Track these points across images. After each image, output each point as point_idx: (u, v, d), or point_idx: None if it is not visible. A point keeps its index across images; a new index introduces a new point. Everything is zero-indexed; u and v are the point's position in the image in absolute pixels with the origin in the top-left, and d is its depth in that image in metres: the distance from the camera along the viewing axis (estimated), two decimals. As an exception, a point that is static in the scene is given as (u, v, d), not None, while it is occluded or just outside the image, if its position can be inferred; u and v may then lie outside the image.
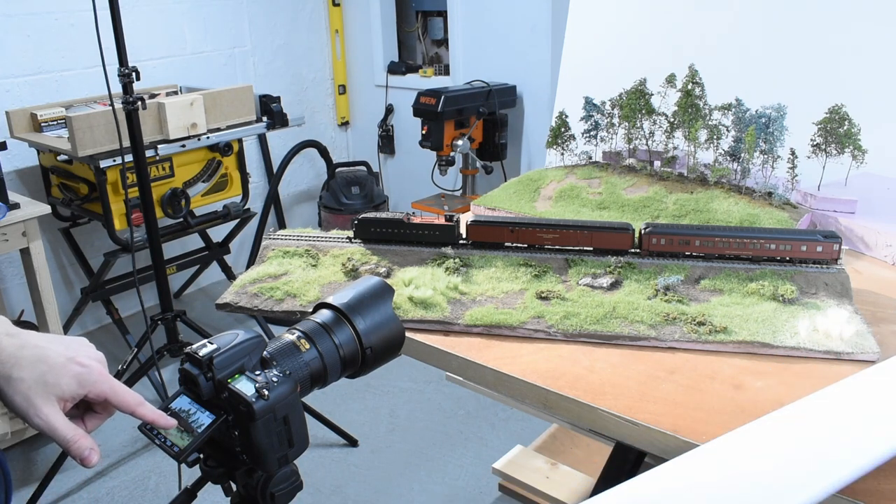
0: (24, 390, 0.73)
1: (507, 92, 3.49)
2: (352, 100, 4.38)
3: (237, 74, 3.80)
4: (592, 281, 1.28)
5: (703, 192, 1.50)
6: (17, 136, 2.77)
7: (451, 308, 1.22)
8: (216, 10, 3.64)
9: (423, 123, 3.33)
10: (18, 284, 3.10)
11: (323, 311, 0.83)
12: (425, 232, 1.38)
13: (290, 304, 1.26)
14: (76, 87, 3.16)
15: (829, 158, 1.50)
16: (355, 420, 2.75)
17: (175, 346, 2.61)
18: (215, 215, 3.10)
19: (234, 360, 0.73)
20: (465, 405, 2.84)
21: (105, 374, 0.78)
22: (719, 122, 1.52)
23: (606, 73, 1.83)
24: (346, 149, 4.50)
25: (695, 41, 1.84)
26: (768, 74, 1.75)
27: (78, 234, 3.13)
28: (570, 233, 1.33)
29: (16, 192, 2.56)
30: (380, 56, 4.09)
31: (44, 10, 3.04)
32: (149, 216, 2.40)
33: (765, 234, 1.27)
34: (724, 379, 1.05)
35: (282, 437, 0.73)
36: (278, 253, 1.40)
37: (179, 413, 0.74)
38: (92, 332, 3.44)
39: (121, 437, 2.68)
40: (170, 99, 2.76)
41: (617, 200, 1.56)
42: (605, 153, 1.70)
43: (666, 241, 1.29)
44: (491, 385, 1.11)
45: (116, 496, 2.41)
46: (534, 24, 3.41)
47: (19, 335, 0.77)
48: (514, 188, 1.70)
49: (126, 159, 2.35)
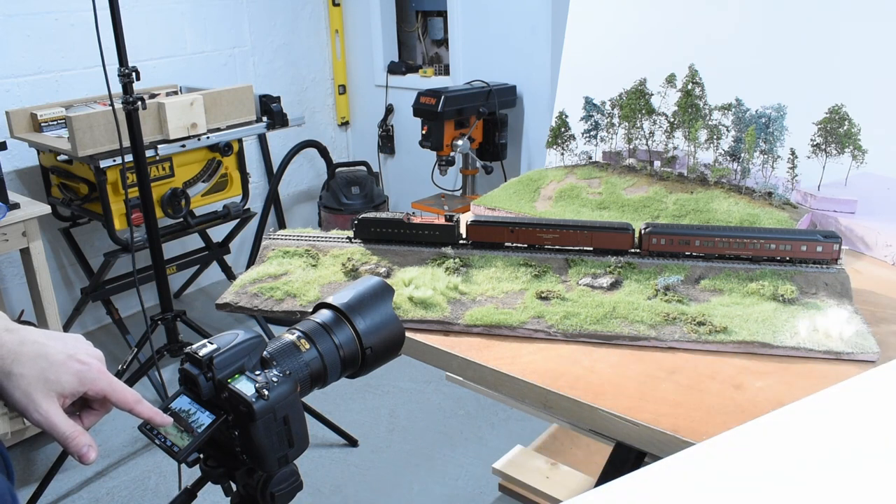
0: (24, 386, 0.73)
1: (507, 92, 3.49)
2: (352, 100, 4.38)
3: (237, 74, 3.80)
4: (592, 281, 1.28)
5: (703, 192, 1.50)
6: (17, 136, 2.77)
7: (451, 308, 1.22)
8: (216, 10, 3.64)
9: (423, 123, 3.33)
10: (18, 284, 3.10)
11: (323, 311, 0.83)
12: (425, 232, 1.38)
13: (290, 304, 1.26)
14: (76, 87, 3.16)
15: (829, 158, 1.50)
16: (355, 420, 2.75)
17: (175, 346, 2.61)
18: (215, 215, 3.10)
19: (234, 360, 0.73)
20: (465, 405, 2.84)
21: (104, 372, 0.78)
22: (719, 122, 1.52)
23: (606, 73, 1.83)
24: (346, 149, 4.50)
25: (695, 41, 1.84)
26: (768, 74, 1.75)
27: (78, 234, 3.13)
28: (570, 233, 1.33)
29: (16, 192, 2.56)
30: (380, 56, 4.09)
31: (44, 10, 3.04)
32: (149, 216, 2.40)
33: (765, 234, 1.27)
34: (724, 379, 1.05)
35: (282, 437, 0.73)
36: (278, 253, 1.40)
37: (179, 413, 0.74)
38: (92, 332, 3.44)
39: (121, 437, 2.68)
40: (170, 99, 2.76)
41: (617, 200, 1.56)
42: (605, 153, 1.70)
43: (666, 241, 1.29)
44: (491, 385, 1.11)
45: (116, 496, 2.41)
46: (534, 24, 3.41)
47: (18, 331, 0.77)
48: (514, 188, 1.70)
49: (126, 159, 2.35)
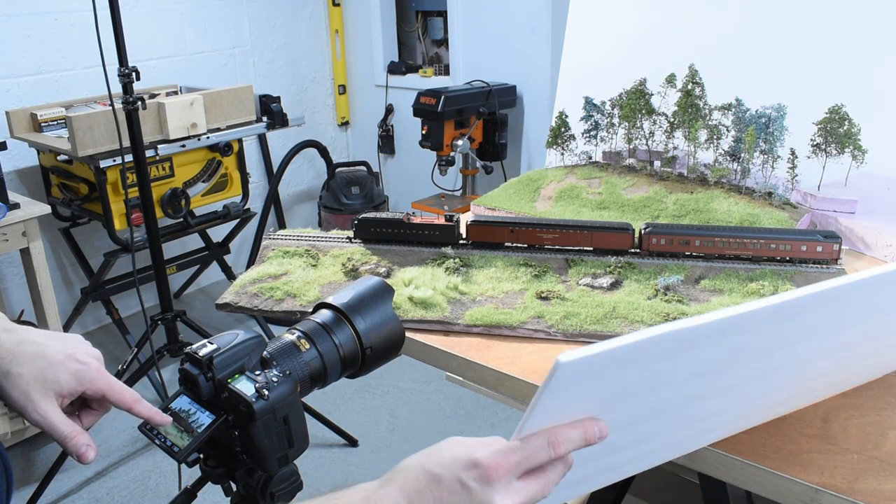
0: (22, 386, 0.73)
1: (507, 92, 3.49)
2: (352, 100, 4.38)
3: (237, 74, 3.80)
4: (592, 281, 1.28)
5: (703, 192, 1.50)
6: (17, 136, 2.77)
7: (451, 308, 1.22)
8: (216, 10, 3.64)
9: (423, 123, 3.33)
10: (18, 284, 3.10)
11: (323, 311, 0.83)
12: (425, 232, 1.38)
13: (290, 304, 1.26)
14: (76, 87, 3.16)
15: (829, 158, 1.50)
16: (355, 420, 2.75)
17: (175, 346, 2.61)
18: (215, 215, 3.10)
19: (234, 360, 0.73)
20: (465, 405, 2.84)
21: (103, 371, 0.78)
22: (719, 122, 1.52)
23: (606, 73, 1.83)
24: (346, 149, 4.50)
25: (695, 41, 1.84)
26: (768, 74, 1.75)
27: (78, 234, 3.13)
28: (570, 233, 1.33)
29: (16, 192, 2.56)
30: (380, 56, 4.09)
31: (44, 10, 3.04)
32: (149, 216, 2.40)
33: (765, 234, 1.27)
34: (724, 379, 1.05)
35: (282, 437, 0.73)
36: (278, 253, 1.40)
37: (179, 413, 0.74)
38: (92, 332, 3.44)
39: (121, 437, 2.68)
40: (170, 99, 2.76)
41: (617, 200, 1.56)
42: (605, 153, 1.70)
43: (666, 241, 1.29)
44: (491, 385, 1.11)
45: (116, 496, 2.41)
46: (534, 24, 3.41)
47: (17, 331, 0.77)
48: (514, 188, 1.70)
49: (126, 159, 2.35)
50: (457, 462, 0.62)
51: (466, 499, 0.60)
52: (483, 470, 0.60)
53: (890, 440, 0.90)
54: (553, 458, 0.62)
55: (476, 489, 0.60)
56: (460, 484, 0.61)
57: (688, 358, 0.64)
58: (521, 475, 0.62)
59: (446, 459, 0.62)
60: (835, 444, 0.90)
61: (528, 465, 0.62)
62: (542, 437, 0.62)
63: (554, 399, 0.60)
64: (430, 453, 0.64)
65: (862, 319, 0.77)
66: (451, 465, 0.62)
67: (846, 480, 0.83)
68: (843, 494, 0.81)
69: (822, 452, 0.88)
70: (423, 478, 0.62)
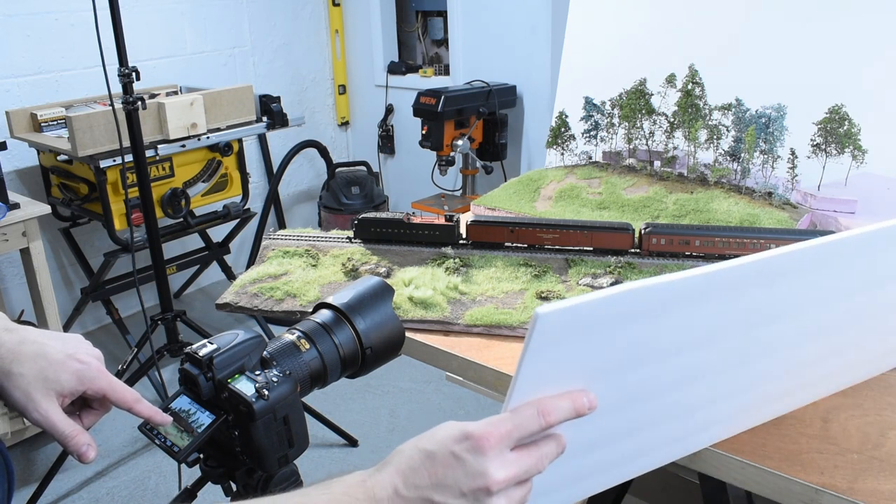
0: (23, 385, 0.73)
1: (507, 92, 3.49)
2: (352, 100, 4.38)
3: (237, 74, 3.80)
4: (592, 281, 1.28)
5: (703, 192, 1.50)
6: (17, 136, 2.77)
7: (451, 308, 1.22)
8: (216, 10, 3.64)
9: (423, 123, 3.33)
10: (18, 284, 3.10)
11: (323, 311, 0.83)
12: (425, 232, 1.38)
13: (290, 304, 1.26)
14: (76, 87, 3.16)
15: (829, 158, 1.50)
16: (355, 420, 2.75)
17: (175, 346, 2.61)
18: (215, 215, 3.10)
19: (234, 360, 0.73)
20: (465, 405, 2.84)
21: (103, 371, 0.78)
22: (719, 122, 1.52)
23: (606, 73, 1.83)
24: (346, 149, 4.50)
25: (695, 41, 1.84)
26: (768, 74, 1.75)
27: (78, 234, 3.13)
28: (570, 233, 1.33)
29: (16, 192, 2.56)
30: (380, 56, 4.09)
31: (44, 10, 3.04)
32: (149, 216, 2.40)
33: (765, 234, 1.27)
34: (724, 379, 1.05)
35: (282, 437, 0.73)
36: (278, 253, 1.40)
37: (179, 413, 0.74)
38: (92, 332, 3.44)
39: (121, 437, 2.68)
40: (170, 99, 2.76)
41: (617, 200, 1.56)
42: (605, 153, 1.70)
43: (666, 241, 1.29)
44: (491, 385, 1.11)
45: (116, 496, 2.41)
46: (534, 24, 3.41)
47: (17, 331, 0.77)
48: (514, 188, 1.70)
49: (126, 159, 2.35)
50: (449, 437, 0.62)
51: (461, 471, 0.60)
52: (475, 440, 0.60)
53: (890, 440, 0.90)
54: (544, 426, 0.62)
55: (469, 460, 0.60)
56: (454, 457, 0.61)
57: (668, 323, 0.63)
58: (514, 447, 0.62)
59: (438, 436, 0.62)
60: (835, 444, 0.90)
61: (519, 435, 0.61)
62: (531, 406, 0.62)
63: (537, 359, 0.60)
64: (423, 435, 0.64)
65: (848, 293, 0.76)
66: (444, 440, 0.62)
67: (846, 480, 0.83)
68: (843, 494, 0.81)
69: (822, 452, 0.88)
70: (417, 456, 0.62)
